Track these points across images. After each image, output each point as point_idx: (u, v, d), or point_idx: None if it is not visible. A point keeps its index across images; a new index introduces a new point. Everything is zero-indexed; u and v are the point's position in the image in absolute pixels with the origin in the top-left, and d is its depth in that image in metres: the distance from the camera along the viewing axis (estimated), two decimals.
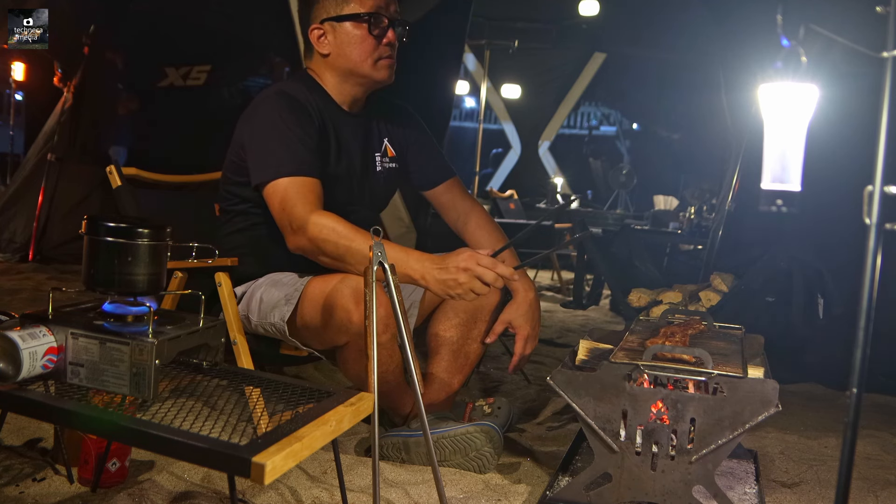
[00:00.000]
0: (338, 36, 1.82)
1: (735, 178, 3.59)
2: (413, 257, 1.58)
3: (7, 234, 4.56)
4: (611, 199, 8.51)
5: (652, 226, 5.75)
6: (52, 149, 4.52)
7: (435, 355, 1.94)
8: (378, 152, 1.98)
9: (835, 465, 1.77)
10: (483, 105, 7.30)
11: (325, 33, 1.84)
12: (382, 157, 1.98)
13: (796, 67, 0.89)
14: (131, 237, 1.16)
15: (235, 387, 1.23)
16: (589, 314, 4.55)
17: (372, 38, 1.81)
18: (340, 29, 1.82)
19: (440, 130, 4.51)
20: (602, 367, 1.49)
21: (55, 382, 1.14)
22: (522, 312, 1.92)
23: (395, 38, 1.84)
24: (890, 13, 0.81)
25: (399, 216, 4.52)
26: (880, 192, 0.83)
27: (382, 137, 1.99)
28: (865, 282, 0.84)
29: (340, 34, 1.82)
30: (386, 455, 1.75)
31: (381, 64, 1.84)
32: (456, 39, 4.64)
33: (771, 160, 0.90)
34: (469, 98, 11.32)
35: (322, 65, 1.88)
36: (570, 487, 1.51)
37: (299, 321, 1.73)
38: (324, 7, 1.82)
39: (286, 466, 0.97)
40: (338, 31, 1.82)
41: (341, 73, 1.86)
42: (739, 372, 1.44)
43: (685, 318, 2.02)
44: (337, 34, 1.82)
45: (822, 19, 0.90)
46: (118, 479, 1.49)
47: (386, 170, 1.99)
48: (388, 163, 2.00)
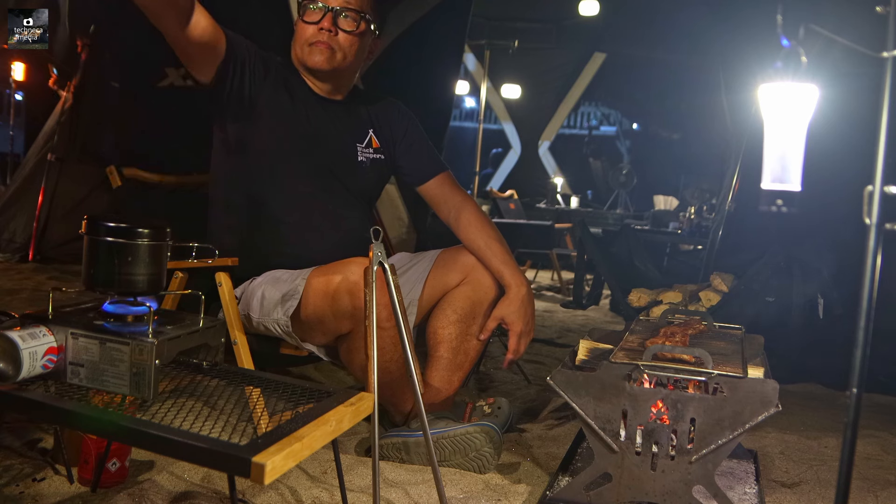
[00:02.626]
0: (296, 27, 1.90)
1: (735, 178, 3.59)
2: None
3: (7, 234, 4.56)
4: (611, 199, 8.51)
5: (652, 226, 5.76)
6: (52, 149, 4.52)
7: (434, 353, 1.94)
8: (360, 143, 1.98)
9: (835, 465, 1.77)
10: (483, 105, 7.30)
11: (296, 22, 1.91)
12: (365, 147, 1.99)
13: (796, 67, 0.89)
14: (131, 237, 1.16)
15: (235, 387, 1.23)
16: (589, 314, 4.55)
17: (305, 25, 1.86)
18: (298, 21, 1.90)
19: (440, 130, 4.51)
20: (602, 367, 1.49)
21: (55, 382, 1.14)
22: (515, 308, 1.91)
23: (330, 24, 1.85)
24: (890, 13, 0.81)
25: (399, 216, 4.52)
26: (880, 192, 0.83)
27: (367, 128, 2.00)
28: (865, 282, 0.84)
29: (297, 26, 1.90)
30: (386, 455, 1.75)
31: (311, 49, 1.86)
32: (456, 39, 4.64)
33: (771, 160, 0.90)
34: (469, 98, 11.33)
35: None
36: (570, 487, 1.51)
37: (303, 314, 1.74)
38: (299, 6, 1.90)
39: (286, 466, 0.97)
40: (298, 24, 1.90)
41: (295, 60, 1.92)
42: (739, 372, 1.44)
43: (685, 318, 2.02)
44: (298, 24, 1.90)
45: (822, 19, 0.90)
46: (118, 479, 1.49)
47: (370, 160, 1.99)
48: (372, 153, 2.00)
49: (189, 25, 1.60)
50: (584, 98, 9.76)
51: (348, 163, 1.95)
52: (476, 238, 1.96)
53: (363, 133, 1.99)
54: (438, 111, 4.49)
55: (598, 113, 11.85)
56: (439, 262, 1.99)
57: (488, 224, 2.00)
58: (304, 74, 1.92)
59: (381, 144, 2.02)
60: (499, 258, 1.93)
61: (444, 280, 1.97)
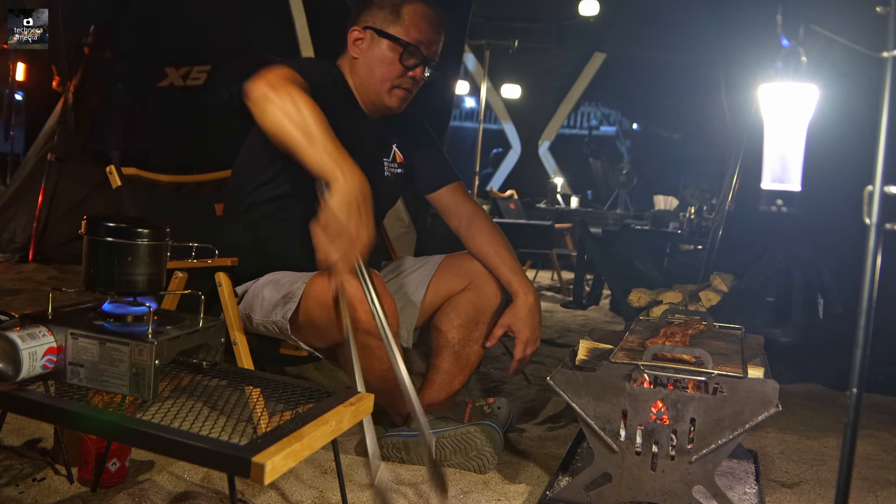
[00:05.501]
0: (372, 47, 1.84)
1: (735, 178, 3.59)
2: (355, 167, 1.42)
3: (7, 234, 4.56)
4: (611, 199, 8.51)
5: (652, 226, 5.76)
6: (52, 149, 4.52)
7: (436, 356, 1.94)
8: (386, 158, 1.98)
9: (835, 465, 1.77)
10: (483, 105, 7.31)
11: (363, 39, 1.85)
12: (390, 162, 1.99)
13: (796, 67, 0.89)
14: (131, 237, 1.16)
15: (235, 387, 1.23)
16: (589, 314, 4.55)
17: (400, 66, 1.82)
18: (377, 42, 1.83)
19: (440, 130, 4.51)
20: (602, 367, 1.49)
21: (55, 382, 1.14)
22: (522, 316, 1.92)
23: (421, 76, 1.85)
24: (890, 13, 0.81)
25: (399, 216, 4.52)
26: (880, 192, 0.83)
27: (391, 143, 2.00)
28: (865, 282, 0.84)
29: (375, 47, 1.83)
30: (386, 455, 1.75)
31: (395, 92, 1.85)
32: (456, 39, 4.64)
33: (771, 160, 0.90)
34: (469, 98, 11.32)
35: (349, 65, 1.89)
36: (570, 487, 1.51)
37: (302, 318, 1.74)
38: (373, 15, 1.84)
39: (286, 466, 0.97)
40: (374, 44, 1.83)
41: (360, 81, 1.88)
42: (739, 372, 1.44)
43: (685, 318, 2.02)
44: (372, 45, 1.84)
45: (822, 19, 0.90)
46: (118, 479, 1.49)
47: (393, 175, 2.00)
48: (396, 168, 2.01)
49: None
50: (584, 98, 9.76)
51: (375, 178, 1.95)
52: (486, 246, 1.96)
53: (389, 148, 2.00)
54: (438, 111, 4.50)
55: (598, 113, 11.84)
56: (444, 266, 2.00)
57: (499, 234, 2.01)
58: (355, 89, 1.89)
59: (403, 158, 2.03)
60: (508, 266, 1.93)
61: (448, 284, 1.97)
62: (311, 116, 1.45)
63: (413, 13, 1.82)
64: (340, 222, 1.34)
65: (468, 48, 8.04)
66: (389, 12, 1.82)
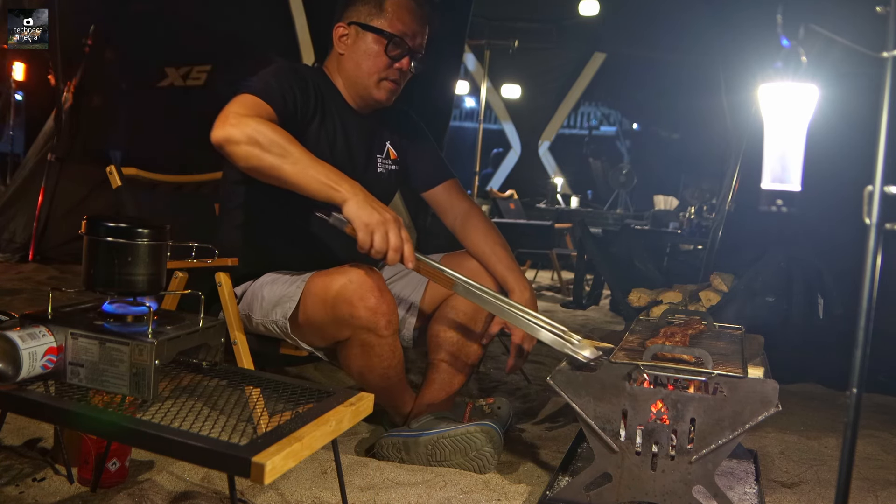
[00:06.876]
0: (358, 42, 1.85)
1: (735, 178, 3.59)
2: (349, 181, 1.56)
3: (7, 234, 4.56)
4: (611, 199, 8.51)
5: (652, 226, 5.76)
6: (52, 149, 4.52)
7: (435, 355, 1.94)
8: (380, 154, 1.99)
9: (835, 465, 1.77)
10: (483, 105, 7.31)
11: (348, 34, 1.86)
12: (384, 158, 1.99)
13: (796, 67, 0.89)
14: (131, 237, 1.16)
15: (235, 387, 1.23)
16: (589, 314, 4.55)
17: (386, 58, 1.83)
18: (363, 37, 1.84)
19: (440, 130, 4.51)
20: (602, 366, 1.49)
21: (55, 382, 1.14)
22: None
23: (408, 68, 1.86)
24: (890, 13, 0.81)
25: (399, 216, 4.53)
26: (880, 192, 0.83)
27: (385, 140, 2.01)
28: (865, 282, 0.84)
29: (360, 42, 1.84)
30: (386, 455, 1.75)
31: (383, 85, 1.86)
32: (456, 39, 4.64)
33: (771, 160, 0.90)
34: (469, 98, 11.32)
35: (335, 63, 1.90)
36: (570, 487, 1.51)
37: (301, 317, 1.74)
38: (357, 10, 1.85)
39: (286, 466, 0.97)
40: (359, 38, 1.84)
41: (347, 76, 1.88)
42: (739, 372, 1.44)
43: (685, 318, 2.02)
44: (358, 40, 1.85)
45: (822, 19, 0.90)
46: (118, 479, 1.49)
47: (387, 171, 2.00)
48: (390, 164, 2.01)
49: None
50: (583, 98, 9.77)
51: (369, 174, 1.95)
52: (481, 243, 1.96)
53: (382, 144, 2.00)
54: (438, 111, 4.50)
55: (598, 113, 11.85)
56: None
57: (494, 231, 2.01)
58: (344, 87, 1.90)
59: (397, 155, 2.03)
60: (503, 263, 1.94)
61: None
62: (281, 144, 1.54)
63: (396, 5, 1.83)
64: (371, 219, 1.53)
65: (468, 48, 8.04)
66: (373, 6, 1.83)
